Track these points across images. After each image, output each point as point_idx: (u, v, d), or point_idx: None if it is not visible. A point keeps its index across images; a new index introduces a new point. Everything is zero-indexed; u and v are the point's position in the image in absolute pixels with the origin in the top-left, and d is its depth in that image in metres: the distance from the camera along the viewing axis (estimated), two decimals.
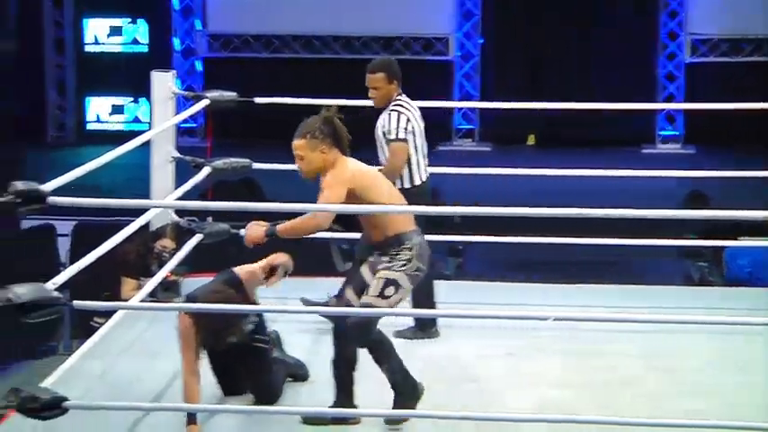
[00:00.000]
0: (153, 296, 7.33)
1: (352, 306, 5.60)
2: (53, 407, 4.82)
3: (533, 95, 16.36)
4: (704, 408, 5.91)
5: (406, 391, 5.65)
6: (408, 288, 5.58)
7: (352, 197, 5.50)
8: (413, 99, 7.12)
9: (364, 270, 5.66)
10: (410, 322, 7.02)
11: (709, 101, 14.89)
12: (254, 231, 5.65)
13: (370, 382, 5.72)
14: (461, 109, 18.21)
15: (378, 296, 5.52)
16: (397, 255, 5.55)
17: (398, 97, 7.02)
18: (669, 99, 17.70)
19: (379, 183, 5.65)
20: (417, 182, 6.93)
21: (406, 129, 6.87)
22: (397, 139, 6.85)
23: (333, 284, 6.01)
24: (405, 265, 5.54)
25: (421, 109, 7.10)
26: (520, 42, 18.30)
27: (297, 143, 5.66)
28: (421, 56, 18.03)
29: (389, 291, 5.52)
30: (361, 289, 5.62)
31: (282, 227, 5.59)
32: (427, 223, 6.15)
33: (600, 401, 6.02)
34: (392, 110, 6.94)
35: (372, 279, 5.57)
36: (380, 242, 5.59)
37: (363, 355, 5.64)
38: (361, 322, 5.56)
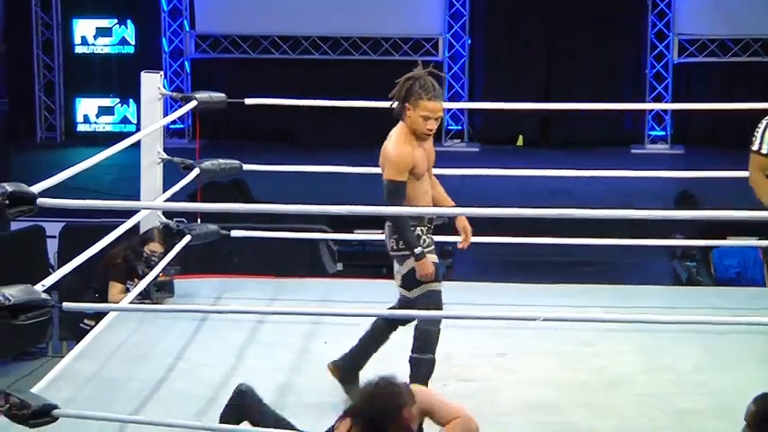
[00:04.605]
0: (146, 296, 7.31)
1: None
2: (42, 415, 4.80)
3: (522, 96, 16.37)
4: (696, 407, 5.92)
5: None
6: None
7: None
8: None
9: None
10: None
11: (696, 101, 14.93)
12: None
13: None
14: (450, 110, 18.20)
15: None
16: None
17: None
18: (657, 99, 17.71)
19: None
20: None
21: None
22: None
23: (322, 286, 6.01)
24: None
25: None
26: (508, 43, 18.30)
27: None
28: (410, 57, 18.02)
29: None
30: None
31: None
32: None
33: (591, 402, 6.02)
34: None
35: None
36: None
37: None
38: None
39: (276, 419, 5.29)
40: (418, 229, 5.76)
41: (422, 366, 5.69)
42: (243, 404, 5.38)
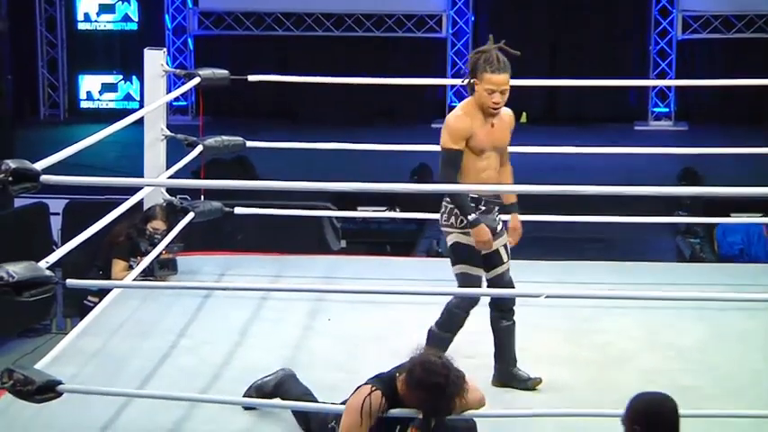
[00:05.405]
0: (149, 274, 7.32)
1: None
2: (47, 390, 4.81)
3: (526, 73, 16.33)
4: (698, 383, 5.93)
5: None
6: None
7: None
8: (405, 77, 7.08)
9: None
10: None
11: (700, 78, 14.91)
12: None
13: None
14: (454, 86, 18.16)
15: None
16: None
17: None
18: (661, 76, 17.68)
19: None
20: None
21: None
22: None
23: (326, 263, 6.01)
24: None
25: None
26: (512, 20, 18.25)
27: None
28: (413, 34, 17.99)
29: None
30: None
31: None
32: None
33: (594, 378, 6.03)
34: None
35: None
36: None
37: None
38: None
39: (304, 393, 5.38)
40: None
41: (437, 341, 5.70)
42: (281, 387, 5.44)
